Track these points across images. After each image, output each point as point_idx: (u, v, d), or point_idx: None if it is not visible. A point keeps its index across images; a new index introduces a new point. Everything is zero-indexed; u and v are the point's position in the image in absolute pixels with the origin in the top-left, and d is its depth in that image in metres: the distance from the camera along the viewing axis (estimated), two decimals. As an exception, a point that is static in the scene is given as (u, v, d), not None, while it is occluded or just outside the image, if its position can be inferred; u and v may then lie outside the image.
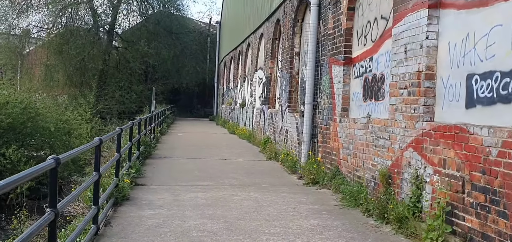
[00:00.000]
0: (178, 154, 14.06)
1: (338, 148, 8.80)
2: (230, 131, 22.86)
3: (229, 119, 27.17)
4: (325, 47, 9.81)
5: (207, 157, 13.60)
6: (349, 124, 8.31)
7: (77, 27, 32.21)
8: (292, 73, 12.97)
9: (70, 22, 32.31)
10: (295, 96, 12.96)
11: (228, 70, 29.41)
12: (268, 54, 16.51)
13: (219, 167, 11.58)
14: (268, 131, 15.79)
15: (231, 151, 15.16)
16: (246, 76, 22.35)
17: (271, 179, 10.03)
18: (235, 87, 25.92)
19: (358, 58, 8.40)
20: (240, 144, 17.58)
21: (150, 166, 11.37)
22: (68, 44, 31.13)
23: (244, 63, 22.66)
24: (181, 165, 11.82)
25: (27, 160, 17.11)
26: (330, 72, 9.36)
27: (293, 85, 12.97)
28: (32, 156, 18.20)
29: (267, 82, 16.55)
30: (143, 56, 34.15)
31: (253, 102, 19.46)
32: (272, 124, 15.22)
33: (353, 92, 8.57)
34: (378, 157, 7.16)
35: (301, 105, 12.18)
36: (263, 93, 17.31)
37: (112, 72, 34.09)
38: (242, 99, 22.73)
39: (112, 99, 32.12)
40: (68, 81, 32.63)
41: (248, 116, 20.50)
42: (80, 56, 31.79)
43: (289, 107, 12.95)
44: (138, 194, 7.95)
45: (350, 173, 8.24)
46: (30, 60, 38.00)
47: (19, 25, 33.58)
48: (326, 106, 9.53)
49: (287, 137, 12.96)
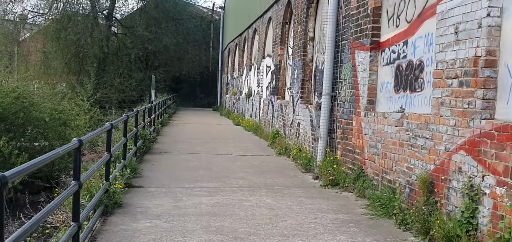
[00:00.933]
0: (180, 148, 12.95)
1: (362, 145, 7.67)
2: (235, 122, 21.74)
3: (233, 109, 26.04)
4: (346, 30, 8.64)
5: (212, 152, 12.49)
6: (377, 119, 7.17)
7: (74, 12, 30.97)
8: (305, 61, 11.81)
9: (67, 7, 31.06)
10: (308, 86, 11.82)
11: (233, 58, 28.22)
12: (277, 40, 15.34)
13: (225, 164, 10.47)
14: (277, 123, 14.66)
15: (237, 145, 14.05)
16: (252, 64, 21.18)
17: (284, 179, 8.92)
18: (240, 76, 24.76)
19: (389, 42, 7.24)
20: (246, 137, 16.46)
21: (148, 163, 10.26)
22: (65, 30, 29.95)
23: (250, 50, 21.47)
24: (183, 161, 10.72)
25: (19, 152, 16.07)
26: (353, 59, 8.20)
27: (307, 74, 11.82)
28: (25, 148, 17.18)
29: (276, 70, 15.39)
30: (143, 42, 32.95)
31: (260, 92, 18.31)
32: (281, 116, 14.09)
33: (381, 82, 7.42)
34: (416, 159, 6.03)
35: (316, 97, 11.04)
36: (271, 82, 16.17)
37: (112, 59, 32.95)
38: (248, 89, 21.58)
39: (111, 87, 31.01)
40: (66, 68, 31.48)
41: (254, 107, 19.36)
42: (78, 43, 30.64)
43: (302, 99, 11.81)
44: (133, 199, 6.85)
45: (377, 175, 7.12)
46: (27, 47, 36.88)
47: (14, 10, 32.36)
48: (348, 98, 8.38)
49: (299, 131, 11.83)
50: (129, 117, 8.79)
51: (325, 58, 9.16)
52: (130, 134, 9.55)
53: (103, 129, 6.20)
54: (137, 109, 10.15)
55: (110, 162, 6.41)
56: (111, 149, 6.39)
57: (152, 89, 15.27)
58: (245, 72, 23.23)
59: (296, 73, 12.40)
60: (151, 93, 15.17)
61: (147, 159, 10.73)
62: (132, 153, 9.53)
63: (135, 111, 10.09)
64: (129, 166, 8.32)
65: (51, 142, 18.65)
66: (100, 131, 6.24)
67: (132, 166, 8.49)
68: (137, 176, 8.52)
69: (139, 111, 10.54)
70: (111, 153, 6.49)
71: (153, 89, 15.65)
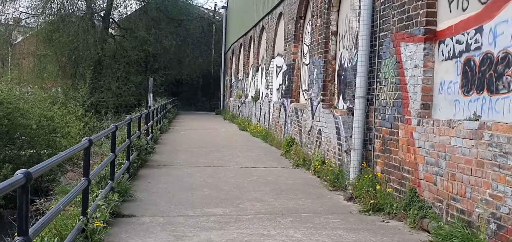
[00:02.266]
0: (181, 159, 11.31)
1: (414, 161, 6.03)
2: (241, 127, 20.11)
3: (238, 113, 24.40)
4: (386, 20, 7.01)
5: (218, 163, 10.85)
6: (439, 129, 5.52)
7: (69, 14, 29.33)
8: (327, 59, 10.19)
9: (61, 8, 29.43)
10: (331, 88, 10.20)
11: (237, 59, 26.60)
12: (290, 37, 13.71)
13: (235, 180, 8.83)
14: (291, 130, 13.02)
15: (246, 155, 12.41)
16: (259, 64, 19.55)
17: (310, 202, 7.27)
18: (245, 78, 23.13)
19: (451, 30, 5.61)
20: (255, 145, 14.83)
21: (144, 180, 8.62)
22: (59, 32, 28.35)
23: (257, 50, 19.84)
24: (185, 177, 9.07)
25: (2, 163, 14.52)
26: (398, 54, 6.57)
27: (329, 73, 10.20)
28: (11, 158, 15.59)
29: (288, 71, 13.77)
30: (142, 44, 31.36)
31: (269, 95, 16.68)
32: (297, 121, 12.45)
33: (441, 81, 5.78)
34: (508, 185, 4.40)
35: (342, 100, 9.42)
36: (283, 84, 14.54)
37: (109, 62, 31.32)
38: (255, 92, 19.94)
39: (108, 91, 29.41)
40: (60, 72, 29.81)
41: (263, 111, 17.72)
42: (72, 45, 29.04)
43: (324, 102, 10.18)
44: (119, 237, 5.20)
45: (440, 202, 5.47)
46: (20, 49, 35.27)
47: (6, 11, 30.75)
48: (390, 101, 6.75)
49: (320, 139, 10.20)
50: (118, 127, 7.15)
51: (359, 54, 7.52)
52: (120, 147, 7.93)
53: (75, 149, 4.56)
54: (129, 117, 8.50)
55: (88, 190, 4.77)
56: (90, 173, 4.74)
57: (149, 93, 13.64)
58: (251, 74, 21.61)
59: (315, 73, 10.77)
60: (148, 97, 13.53)
61: (142, 175, 9.09)
62: (124, 169, 7.90)
63: (127, 119, 8.46)
64: (118, 188, 6.69)
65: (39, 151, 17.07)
66: (75, 149, 4.59)
67: (122, 187, 6.85)
68: (128, 199, 6.88)
69: (132, 119, 8.89)
70: (91, 178, 4.85)
71: (150, 93, 14.01)
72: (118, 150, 7.49)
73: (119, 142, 10.35)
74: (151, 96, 14.50)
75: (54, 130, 17.53)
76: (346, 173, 7.94)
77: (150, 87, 13.75)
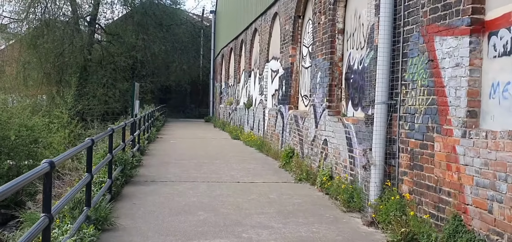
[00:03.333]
0: (171, 173, 10.13)
1: (459, 182, 4.94)
2: (233, 136, 18.95)
3: (229, 121, 23.25)
4: (413, 10, 5.94)
5: (212, 177, 9.70)
6: (496, 142, 4.43)
7: (54, 18, 27.93)
8: (333, 60, 9.11)
9: (46, 13, 28.02)
10: (337, 93, 9.11)
11: (227, 64, 25.46)
12: (287, 38, 12.63)
13: (233, 200, 7.68)
14: (290, 139, 11.91)
15: (242, 167, 11.27)
16: (252, 69, 18.44)
17: (325, 228, 6.14)
18: (236, 84, 22.00)
19: (505, 19, 4.54)
20: (250, 155, 13.68)
21: (128, 201, 7.43)
22: (43, 37, 26.96)
23: (249, 54, 18.73)
24: (176, 196, 7.90)
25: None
26: (431, 50, 5.49)
27: (335, 77, 9.12)
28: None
29: (286, 75, 12.67)
30: (130, 50, 30.09)
31: (263, 101, 15.57)
32: (297, 130, 11.35)
33: (493, 82, 4.70)
34: None
35: (351, 106, 8.35)
36: (279, 89, 13.43)
37: (95, 68, 30.00)
38: (247, 98, 18.82)
39: (94, 98, 28.06)
40: (45, 79, 28.32)
41: (257, 118, 16.59)
42: (57, 51, 27.65)
43: (330, 109, 9.10)
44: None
45: (499, 236, 4.37)
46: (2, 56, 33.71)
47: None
48: (421, 107, 5.66)
49: (326, 151, 9.10)
50: (95, 142, 5.97)
51: (379, 53, 6.43)
52: (100, 164, 6.74)
53: (34, 173, 3.38)
54: (111, 128, 7.29)
55: (50, 229, 3.59)
56: (51, 209, 3.56)
57: (135, 99, 12.40)
58: (242, 79, 20.48)
59: (319, 77, 9.69)
60: (134, 104, 12.29)
61: (127, 194, 7.90)
62: (105, 189, 6.73)
63: (108, 130, 7.26)
64: (96, 215, 5.51)
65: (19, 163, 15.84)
66: (32, 174, 3.41)
67: (101, 213, 5.67)
68: (108, 228, 5.70)
69: (115, 130, 7.69)
70: (55, 213, 3.67)
71: (136, 99, 12.78)
72: (97, 168, 6.31)
73: (101, 155, 9.17)
74: (138, 103, 13.26)
75: (35, 140, 16.26)
76: (364, 193, 6.83)
77: (136, 94, 12.50)
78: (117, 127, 8.56)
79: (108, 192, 7.16)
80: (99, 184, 6.95)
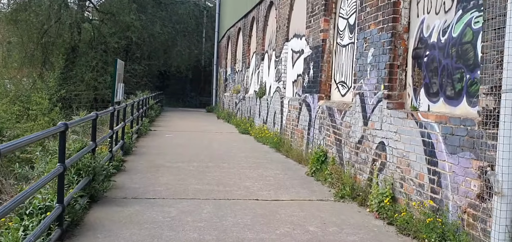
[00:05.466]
0: (162, 185, 7.37)
1: None
2: (241, 130, 16.19)
3: (236, 112, 20.46)
4: None
5: (220, 191, 6.95)
6: None
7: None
8: (396, 31, 6.35)
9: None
10: (400, 77, 6.37)
11: (234, 46, 22.61)
12: (317, 8, 9.82)
13: (255, 236, 4.94)
14: (321, 138, 9.14)
15: (259, 174, 8.53)
16: (265, 51, 15.63)
17: None
18: (245, 69, 19.17)
19: None
20: (266, 156, 10.93)
21: (89, 237, 4.68)
22: (25, 11, 24.09)
23: (262, 33, 15.89)
24: (166, 228, 5.15)
25: None
26: None
27: (398, 54, 6.36)
28: None
29: (314, 56, 9.88)
30: (125, 30, 27.19)
31: (281, 89, 12.79)
32: (331, 127, 8.59)
33: None
34: None
35: (427, 96, 5.58)
36: (304, 74, 10.64)
37: (84, 50, 27.08)
38: (259, 86, 16.01)
39: (81, 83, 25.21)
40: (26, 59, 25.42)
41: (272, 110, 13.78)
42: (42, 28, 24.79)
43: (390, 99, 6.36)
44: None
45: None
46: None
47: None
48: None
49: (383, 159, 6.36)
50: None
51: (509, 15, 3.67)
52: (41, 181, 4.00)
53: None
54: (63, 123, 4.48)
55: None
56: None
57: (117, 82, 9.54)
58: (253, 64, 17.67)
59: (371, 55, 6.92)
60: (117, 88, 9.43)
61: (90, 224, 5.16)
62: (46, 223, 4.00)
63: (59, 125, 4.49)
64: None
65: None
66: None
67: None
68: None
69: (69, 126, 4.92)
70: None
71: (120, 82, 9.89)
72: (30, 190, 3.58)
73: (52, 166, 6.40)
74: (122, 87, 10.37)
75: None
76: (480, 239, 4.08)
77: (119, 75, 9.61)
78: (74, 122, 5.70)
79: (57, 225, 4.43)
80: (39, 216, 4.21)
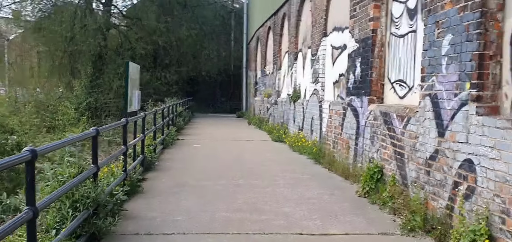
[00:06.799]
0: (183, 211, 5.96)
1: None
2: (274, 137, 14.73)
3: (268, 117, 19.02)
4: None
5: (254, 222, 5.51)
6: None
7: (62, 0, 24.28)
8: (486, 10, 4.78)
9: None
10: (493, 72, 4.78)
11: (264, 47, 21.18)
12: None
13: None
14: (374, 150, 7.57)
15: (299, 195, 7.05)
16: (299, 50, 14.14)
17: None
18: (276, 71, 17.71)
19: None
20: (305, 169, 9.41)
21: None
22: (49, 19, 23.32)
23: (295, 30, 14.38)
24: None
25: None
26: None
27: (491, 41, 4.78)
28: None
29: (362, 50, 8.33)
30: (151, 35, 26.17)
31: (319, 91, 11.26)
32: (388, 137, 7.01)
33: None
34: None
35: None
36: (349, 73, 9.07)
37: (112, 57, 26.19)
38: (293, 88, 14.51)
39: (109, 91, 24.28)
40: (54, 69, 24.61)
41: (308, 115, 12.25)
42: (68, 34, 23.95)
43: (480, 102, 4.79)
44: None
45: None
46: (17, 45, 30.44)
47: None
48: None
49: (472, 183, 4.78)
50: None
51: None
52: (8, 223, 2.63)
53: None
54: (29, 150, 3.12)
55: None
56: None
57: (131, 89, 8.13)
58: (285, 65, 16.20)
59: (447, 45, 5.34)
60: (131, 96, 8.00)
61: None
62: None
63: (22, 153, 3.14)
64: None
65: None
66: None
67: None
68: None
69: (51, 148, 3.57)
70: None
71: (135, 89, 8.50)
72: None
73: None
74: (137, 95, 8.95)
75: (17, 144, 12.43)
76: None
77: (133, 81, 8.15)
78: (72, 139, 4.24)
79: None
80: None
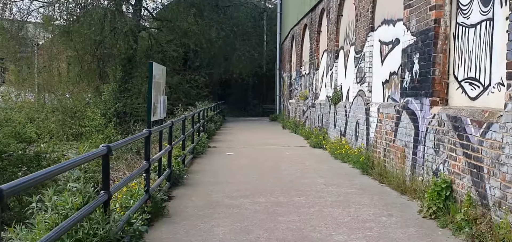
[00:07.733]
0: (216, 240, 4.95)
1: None
2: (313, 143, 13.57)
3: (304, 121, 17.87)
4: None
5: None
6: None
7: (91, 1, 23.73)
8: None
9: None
10: None
11: (299, 47, 20.03)
12: (424, -22, 7.05)
13: None
14: (441, 162, 6.33)
15: (352, 216, 5.89)
16: (340, 48, 12.94)
17: None
18: (313, 71, 16.53)
19: None
20: (352, 182, 8.24)
21: None
22: (78, 22, 22.83)
23: (336, 26, 13.20)
24: None
25: None
26: None
27: None
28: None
29: (421, 44, 7.10)
30: (181, 37, 25.41)
31: (365, 93, 10.06)
32: (460, 146, 5.77)
33: None
34: None
35: None
36: (404, 71, 7.85)
37: (142, 60, 25.55)
38: (332, 89, 13.32)
39: (139, 96, 23.61)
40: (82, 73, 24.14)
41: (352, 119, 11.05)
42: (97, 37, 23.43)
43: None
44: None
45: None
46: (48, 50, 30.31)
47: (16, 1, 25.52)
48: None
49: None
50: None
51: None
52: None
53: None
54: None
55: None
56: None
57: (158, 94, 7.13)
58: (324, 64, 15.02)
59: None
60: (154, 102, 6.99)
61: None
62: None
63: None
64: None
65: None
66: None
67: None
68: None
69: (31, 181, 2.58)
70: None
71: (159, 94, 7.49)
72: None
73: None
74: (163, 100, 7.94)
75: (37, 156, 11.69)
76: None
77: (156, 83, 7.14)
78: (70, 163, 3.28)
79: None
80: None
